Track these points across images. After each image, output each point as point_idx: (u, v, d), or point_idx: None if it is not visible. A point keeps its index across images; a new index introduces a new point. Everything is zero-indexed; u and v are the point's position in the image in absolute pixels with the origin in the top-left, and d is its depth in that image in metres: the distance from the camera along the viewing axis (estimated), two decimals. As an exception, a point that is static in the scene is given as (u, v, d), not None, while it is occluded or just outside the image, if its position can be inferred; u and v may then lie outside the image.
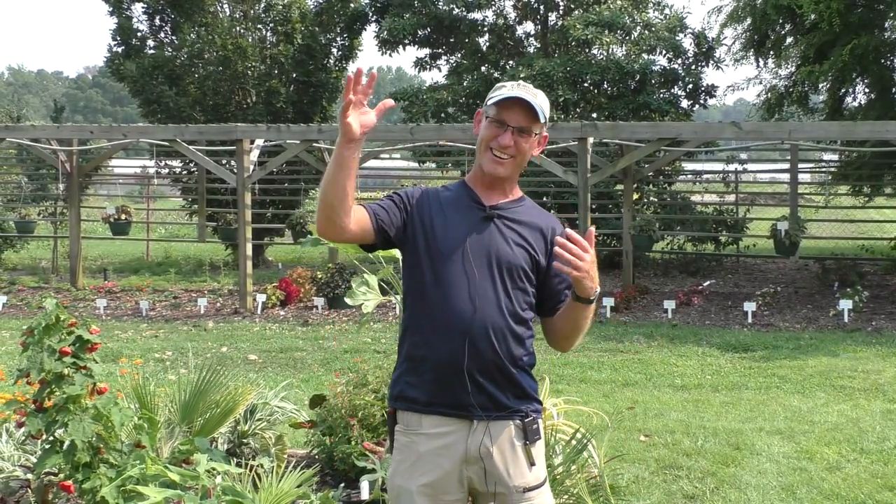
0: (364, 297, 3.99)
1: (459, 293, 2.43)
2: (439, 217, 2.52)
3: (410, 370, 2.51)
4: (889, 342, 8.99)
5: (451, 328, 2.43)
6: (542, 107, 2.48)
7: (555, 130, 11.16)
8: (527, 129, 2.48)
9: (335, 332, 10.01)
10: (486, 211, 2.52)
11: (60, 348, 3.48)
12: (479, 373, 2.42)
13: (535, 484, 2.47)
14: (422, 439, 2.48)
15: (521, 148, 2.49)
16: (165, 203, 22.88)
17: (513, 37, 16.98)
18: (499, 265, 2.46)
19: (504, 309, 2.44)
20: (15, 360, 7.85)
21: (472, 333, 2.41)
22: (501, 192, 2.56)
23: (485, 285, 2.44)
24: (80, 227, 13.60)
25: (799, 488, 4.85)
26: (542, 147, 2.59)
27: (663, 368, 8.03)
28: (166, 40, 17.12)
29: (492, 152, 2.49)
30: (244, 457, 4.51)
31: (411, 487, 2.48)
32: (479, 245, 2.47)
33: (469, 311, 2.42)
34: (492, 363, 2.43)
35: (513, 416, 2.47)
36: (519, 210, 2.56)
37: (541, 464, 2.51)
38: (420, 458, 2.48)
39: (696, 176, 16.36)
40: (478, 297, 2.43)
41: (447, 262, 2.46)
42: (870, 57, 12.26)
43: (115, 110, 77.13)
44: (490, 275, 2.45)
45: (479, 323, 2.42)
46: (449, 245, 2.47)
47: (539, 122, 2.50)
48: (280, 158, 12.47)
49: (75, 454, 3.39)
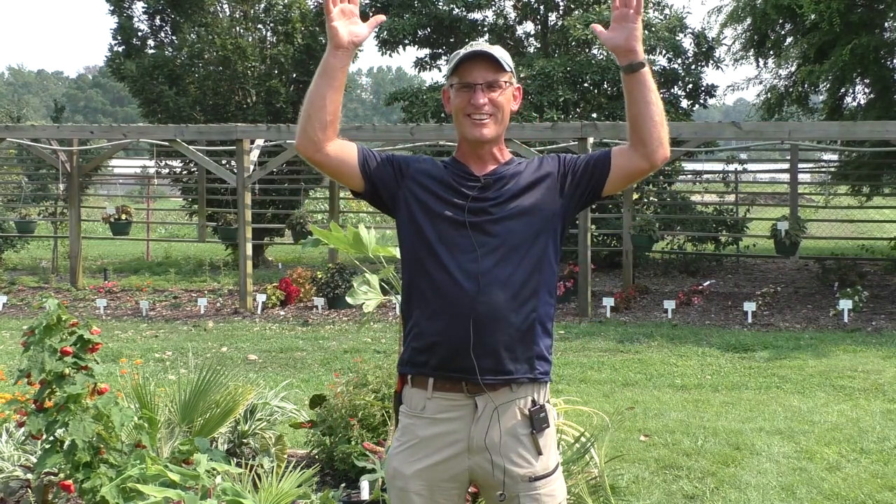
0: (365, 296, 3.99)
1: (461, 264, 2.37)
2: (428, 190, 2.44)
3: (417, 337, 2.44)
4: (889, 342, 8.99)
5: (458, 301, 2.35)
6: (502, 57, 2.42)
7: (555, 130, 11.17)
8: (494, 81, 2.41)
9: (335, 332, 10.02)
10: (480, 181, 2.43)
11: (61, 348, 3.49)
12: (485, 346, 2.35)
13: (542, 473, 2.40)
14: (424, 423, 2.43)
15: (497, 102, 2.42)
16: (165, 203, 22.88)
17: (513, 37, 16.99)
18: (502, 238, 2.38)
19: (512, 270, 2.36)
20: (15, 360, 7.85)
21: (479, 304, 2.34)
22: (493, 159, 2.47)
23: (487, 263, 2.36)
24: (80, 227, 13.60)
25: (799, 488, 4.85)
26: (518, 100, 2.50)
27: (663, 368, 8.03)
28: (166, 40, 17.12)
29: (470, 118, 2.43)
30: (244, 457, 4.52)
31: (407, 472, 2.43)
32: (482, 212, 2.40)
33: (473, 283, 2.35)
34: (502, 329, 2.35)
35: (517, 387, 2.38)
36: (509, 169, 2.46)
37: (549, 453, 2.43)
38: (420, 441, 2.43)
39: (696, 176, 16.37)
40: (481, 274, 2.35)
41: (444, 241, 2.39)
42: (870, 57, 12.26)
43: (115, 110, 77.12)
44: (494, 252, 2.37)
45: (486, 292, 2.34)
46: (450, 216, 2.40)
47: (505, 71, 2.42)
48: (280, 158, 12.47)
49: (76, 454, 3.39)
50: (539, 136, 11.58)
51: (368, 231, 3.91)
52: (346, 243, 3.90)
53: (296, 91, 16.97)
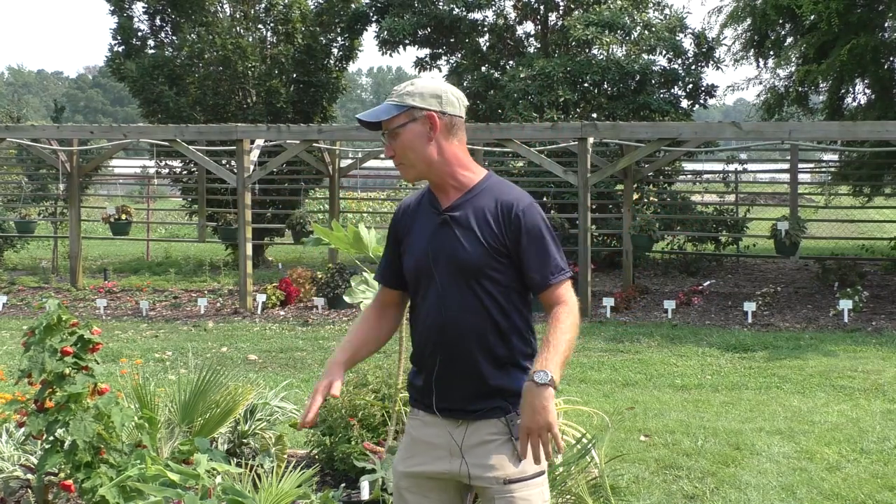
0: (363, 295, 3.98)
1: (430, 303, 2.49)
2: (410, 232, 2.57)
3: (413, 366, 2.66)
4: (889, 342, 8.99)
5: (427, 339, 2.51)
6: (381, 107, 2.49)
7: (555, 130, 11.17)
8: (385, 131, 2.49)
9: (335, 332, 10.02)
10: (440, 215, 2.51)
11: (62, 348, 3.49)
12: (449, 380, 2.48)
13: (517, 476, 2.44)
14: (417, 425, 2.58)
15: (396, 148, 2.48)
16: (165, 203, 22.88)
17: (513, 37, 16.99)
18: (460, 268, 2.46)
19: (475, 312, 2.45)
20: (15, 360, 7.85)
21: (444, 342, 2.47)
22: (454, 188, 2.52)
23: (451, 291, 2.46)
24: (80, 227, 13.60)
25: (799, 488, 4.86)
26: (432, 124, 2.46)
27: (663, 368, 8.04)
28: (166, 40, 17.12)
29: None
30: (244, 457, 4.52)
31: (399, 469, 2.59)
32: (440, 251, 2.48)
33: (439, 321, 2.47)
34: (465, 370, 2.46)
35: (489, 416, 2.47)
36: (472, 202, 2.49)
37: (528, 458, 2.42)
38: (412, 442, 2.58)
39: (696, 176, 16.37)
40: (444, 306, 2.46)
41: (419, 272, 2.52)
42: (868, 57, 12.25)
43: (116, 110, 77.10)
44: (455, 280, 2.46)
45: (450, 331, 2.46)
46: (417, 256, 2.52)
47: (386, 118, 2.47)
48: (280, 158, 12.47)
49: (76, 454, 3.40)
50: (539, 136, 11.58)
51: (369, 231, 3.91)
52: (347, 243, 3.90)
53: (296, 91, 16.97)
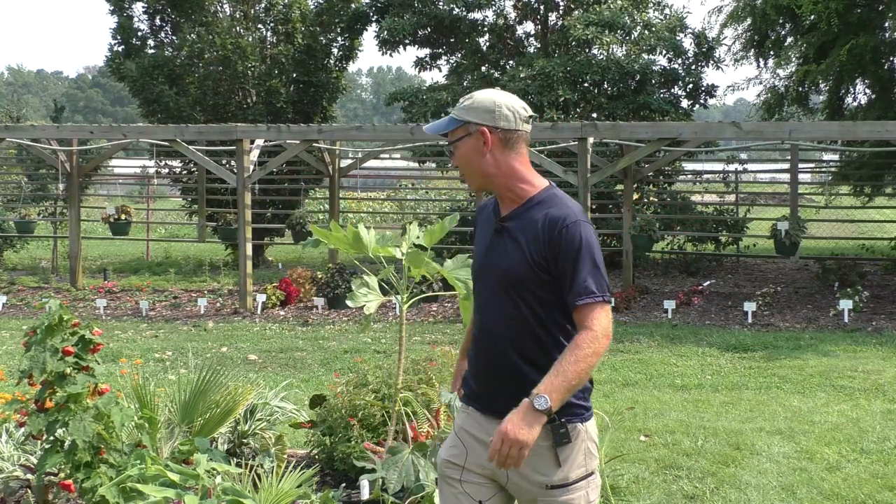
0: (365, 298, 3.98)
1: (480, 308, 2.64)
2: (476, 234, 2.75)
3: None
4: (889, 342, 8.99)
5: (477, 341, 2.65)
6: (443, 120, 2.66)
7: (555, 130, 11.17)
8: (448, 144, 2.66)
9: (335, 332, 10.01)
10: (497, 224, 2.64)
11: (63, 348, 3.49)
12: (496, 385, 2.57)
13: (558, 483, 2.51)
14: (465, 417, 2.68)
15: (456, 160, 2.65)
16: (165, 203, 22.88)
17: (513, 37, 16.98)
18: (503, 278, 2.56)
19: (514, 319, 2.53)
20: (15, 360, 7.86)
21: (488, 347, 2.59)
22: (511, 200, 2.63)
23: (496, 300, 2.57)
24: (80, 227, 13.60)
25: (799, 488, 4.86)
26: (485, 139, 2.58)
27: (663, 368, 8.03)
28: (166, 40, 17.10)
29: None
30: (244, 457, 4.52)
31: (442, 456, 2.68)
32: (490, 259, 2.61)
33: (483, 326, 2.61)
34: (507, 376, 2.54)
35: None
36: (525, 214, 2.58)
37: (569, 466, 2.51)
38: (456, 431, 2.67)
39: (696, 176, 16.36)
40: (488, 312, 2.59)
41: (475, 275, 2.70)
42: (867, 57, 12.25)
43: (115, 110, 77.10)
44: (499, 289, 2.57)
45: (492, 338, 2.57)
46: (477, 262, 2.70)
47: (445, 131, 2.64)
48: (280, 158, 12.47)
49: (76, 454, 3.40)
50: (539, 136, 11.57)
51: (368, 231, 3.91)
52: (346, 243, 3.89)
53: (296, 91, 16.97)
